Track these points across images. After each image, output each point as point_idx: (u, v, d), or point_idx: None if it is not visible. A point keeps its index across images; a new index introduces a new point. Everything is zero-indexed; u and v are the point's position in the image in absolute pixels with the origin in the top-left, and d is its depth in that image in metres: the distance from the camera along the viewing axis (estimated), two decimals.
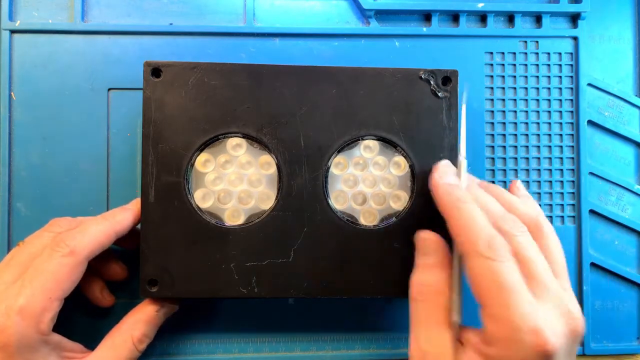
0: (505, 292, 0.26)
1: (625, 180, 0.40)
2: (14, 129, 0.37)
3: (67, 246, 0.30)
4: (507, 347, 0.26)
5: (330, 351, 0.38)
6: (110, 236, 0.32)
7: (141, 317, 0.33)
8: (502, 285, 0.26)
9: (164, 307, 0.34)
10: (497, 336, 0.26)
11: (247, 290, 0.33)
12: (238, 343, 0.37)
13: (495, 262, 0.27)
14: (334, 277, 0.34)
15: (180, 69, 0.33)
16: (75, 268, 0.30)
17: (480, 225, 0.28)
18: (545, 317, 0.26)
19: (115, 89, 0.37)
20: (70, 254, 0.30)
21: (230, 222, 0.34)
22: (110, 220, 0.32)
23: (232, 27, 0.38)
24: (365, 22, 0.39)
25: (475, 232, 0.28)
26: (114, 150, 0.37)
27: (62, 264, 0.30)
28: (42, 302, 0.29)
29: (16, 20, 0.37)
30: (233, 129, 0.34)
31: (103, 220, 0.32)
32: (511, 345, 0.26)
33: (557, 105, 0.39)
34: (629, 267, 0.40)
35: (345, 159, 0.35)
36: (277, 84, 0.34)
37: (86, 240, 0.30)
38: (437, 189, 0.30)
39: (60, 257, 0.30)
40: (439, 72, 0.34)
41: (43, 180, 0.37)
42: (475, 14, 0.40)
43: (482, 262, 0.27)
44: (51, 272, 0.29)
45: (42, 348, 0.29)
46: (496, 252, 0.27)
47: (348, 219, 0.34)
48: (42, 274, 0.29)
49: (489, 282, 0.26)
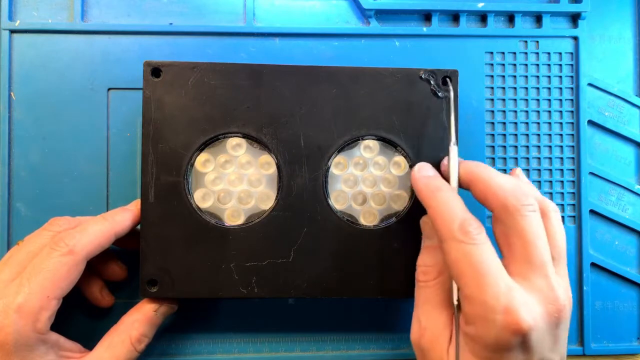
0: (479, 274, 0.27)
1: (626, 180, 0.40)
2: (14, 129, 0.37)
3: (67, 245, 0.30)
4: (482, 326, 0.27)
5: (330, 351, 0.38)
6: (110, 236, 0.32)
7: (139, 317, 0.33)
8: (475, 267, 0.27)
9: (163, 307, 0.33)
10: (472, 316, 0.27)
11: (247, 290, 0.33)
12: (238, 343, 0.37)
13: (468, 245, 0.28)
14: (334, 277, 0.34)
15: (180, 69, 0.33)
16: (74, 267, 0.30)
17: (454, 210, 0.29)
18: (521, 298, 0.27)
19: (115, 89, 0.37)
20: (69, 253, 0.30)
21: (230, 222, 0.34)
22: (110, 221, 0.32)
23: (232, 27, 0.38)
24: (365, 22, 0.39)
25: (450, 217, 0.29)
26: (114, 150, 0.37)
27: (60, 263, 0.30)
28: (40, 300, 0.29)
29: (16, 20, 0.37)
30: (233, 129, 0.34)
31: (103, 221, 0.32)
32: (485, 324, 0.27)
33: (557, 105, 0.39)
34: (629, 267, 0.40)
35: (345, 159, 0.35)
36: (277, 84, 0.34)
37: (85, 240, 0.30)
38: (416, 182, 0.31)
39: (59, 256, 0.30)
40: (439, 72, 0.34)
41: (43, 180, 0.37)
42: (476, 14, 0.39)
43: (456, 246, 0.28)
44: (50, 270, 0.29)
45: (40, 347, 0.29)
46: (469, 235, 0.28)
47: (348, 219, 0.34)
48: (41, 273, 0.29)
49: (463, 265, 0.27)
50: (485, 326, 0.27)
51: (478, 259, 0.27)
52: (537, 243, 0.28)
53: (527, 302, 0.27)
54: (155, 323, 0.33)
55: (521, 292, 0.27)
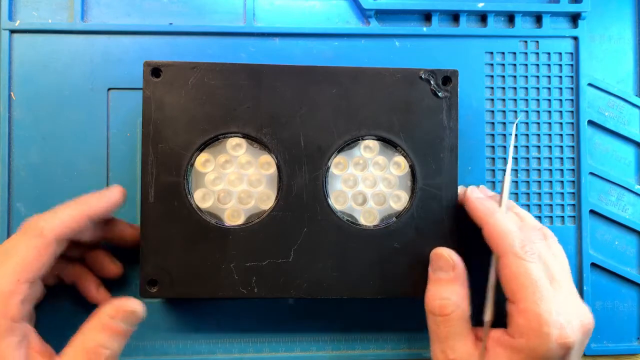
0: (537, 289, 0.29)
1: (626, 180, 0.40)
2: (14, 129, 0.37)
3: (36, 228, 0.29)
4: (535, 338, 0.28)
5: (330, 351, 0.38)
6: (82, 219, 0.31)
7: (95, 325, 0.29)
8: (534, 283, 0.29)
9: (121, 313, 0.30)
10: (525, 329, 0.29)
11: (247, 290, 0.33)
12: (238, 343, 0.37)
13: (527, 262, 0.30)
14: (334, 277, 0.34)
15: (180, 69, 0.33)
16: (44, 249, 0.29)
17: (514, 230, 0.31)
18: (566, 314, 0.29)
19: (115, 89, 0.37)
20: (38, 235, 0.29)
21: (230, 222, 0.34)
22: (82, 204, 0.31)
23: (232, 27, 0.38)
24: (365, 22, 0.39)
25: (510, 235, 0.31)
26: (114, 150, 0.37)
27: (29, 245, 0.29)
28: (10, 284, 0.28)
29: (16, 20, 0.37)
30: (233, 129, 0.34)
31: (74, 204, 0.31)
32: (539, 337, 0.28)
33: (557, 105, 0.39)
34: (629, 267, 0.40)
35: (345, 159, 0.35)
36: (277, 84, 0.34)
37: (55, 222, 0.30)
38: (472, 202, 0.34)
39: (28, 239, 0.29)
40: (439, 72, 0.34)
41: (43, 180, 0.37)
42: (476, 14, 0.39)
43: (517, 262, 0.30)
44: (19, 254, 0.29)
45: (10, 337, 0.28)
46: (528, 253, 0.30)
47: (348, 219, 0.34)
48: (11, 257, 0.29)
49: (524, 280, 0.30)
50: (539, 339, 0.28)
51: (537, 275, 0.30)
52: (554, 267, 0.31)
53: (570, 318, 0.29)
54: (117, 331, 0.29)
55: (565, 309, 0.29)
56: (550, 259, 0.31)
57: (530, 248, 0.30)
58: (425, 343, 0.35)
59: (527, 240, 0.31)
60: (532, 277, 0.29)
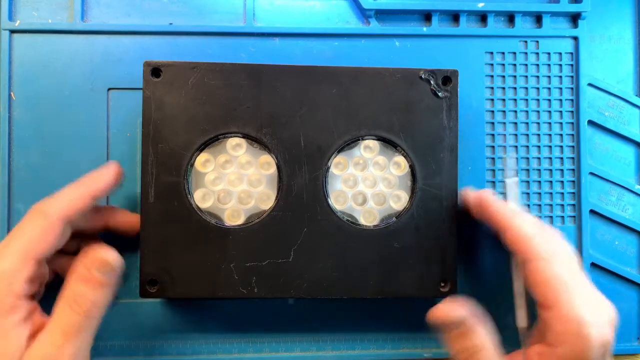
0: (568, 291, 0.29)
1: (626, 180, 0.40)
2: (14, 129, 0.37)
3: (42, 210, 0.30)
4: (575, 342, 0.28)
5: (330, 351, 0.38)
6: (86, 199, 0.31)
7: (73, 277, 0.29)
8: (565, 285, 0.29)
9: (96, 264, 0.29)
10: (566, 335, 0.28)
11: (247, 290, 0.33)
12: (238, 343, 0.37)
13: (556, 265, 0.29)
14: (334, 277, 0.34)
15: (180, 69, 0.33)
16: (50, 229, 0.30)
17: (538, 233, 0.31)
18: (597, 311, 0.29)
19: (115, 89, 0.37)
20: (43, 216, 0.30)
21: (230, 222, 0.34)
22: (84, 184, 0.32)
23: (232, 27, 0.38)
24: (365, 22, 0.39)
25: (536, 239, 0.30)
26: (114, 150, 0.37)
27: (35, 225, 0.30)
28: (16, 262, 0.29)
29: (16, 20, 0.37)
30: (233, 129, 0.34)
31: (77, 185, 0.32)
32: (579, 340, 0.28)
33: (557, 105, 0.39)
34: (629, 267, 0.40)
35: (345, 159, 0.35)
36: (277, 84, 0.34)
37: (59, 203, 0.31)
38: (490, 206, 0.33)
39: (33, 220, 0.30)
40: (439, 72, 0.34)
41: (43, 180, 0.37)
42: (476, 14, 0.39)
43: (546, 266, 0.29)
44: (24, 234, 0.30)
45: (14, 314, 0.28)
46: (555, 256, 0.30)
47: (348, 219, 0.34)
48: (16, 238, 0.30)
49: (556, 283, 0.29)
50: (581, 343, 0.28)
51: (567, 277, 0.29)
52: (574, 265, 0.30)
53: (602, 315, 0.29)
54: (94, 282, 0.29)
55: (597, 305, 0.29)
56: (569, 257, 0.31)
57: (554, 249, 0.30)
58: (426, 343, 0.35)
59: (551, 241, 0.30)
60: (563, 280, 0.29)
